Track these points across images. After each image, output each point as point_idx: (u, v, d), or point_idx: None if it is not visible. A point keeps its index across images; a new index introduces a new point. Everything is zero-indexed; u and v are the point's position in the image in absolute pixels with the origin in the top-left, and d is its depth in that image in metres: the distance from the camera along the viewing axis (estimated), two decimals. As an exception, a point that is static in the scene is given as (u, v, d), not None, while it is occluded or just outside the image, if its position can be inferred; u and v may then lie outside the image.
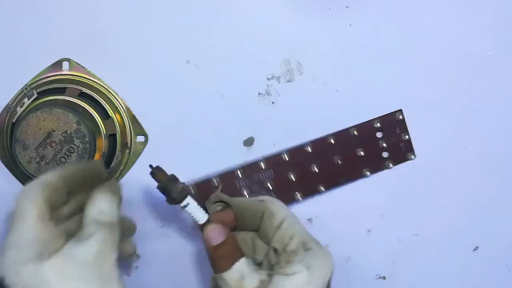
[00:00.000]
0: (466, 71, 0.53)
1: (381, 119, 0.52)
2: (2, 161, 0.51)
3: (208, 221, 0.44)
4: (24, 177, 0.51)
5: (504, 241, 0.53)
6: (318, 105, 0.52)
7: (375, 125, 0.52)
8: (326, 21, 0.52)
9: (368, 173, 0.52)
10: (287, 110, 0.52)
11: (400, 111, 0.52)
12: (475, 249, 0.53)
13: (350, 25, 0.52)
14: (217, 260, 0.42)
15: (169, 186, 0.43)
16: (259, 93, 0.52)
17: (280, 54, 0.52)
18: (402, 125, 0.52)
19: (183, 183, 0.44)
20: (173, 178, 0.44)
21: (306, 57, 0.52)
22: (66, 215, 0.41)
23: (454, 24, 0.53)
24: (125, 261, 0.51)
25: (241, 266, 0.41)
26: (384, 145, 0.52)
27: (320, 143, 0.52)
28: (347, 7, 0.52)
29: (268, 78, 0.52)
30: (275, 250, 0.43)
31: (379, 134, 0.52)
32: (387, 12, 0.52)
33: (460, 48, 0.53)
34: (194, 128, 0.52)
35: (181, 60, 0.52)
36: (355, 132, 0.52)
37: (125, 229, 0.45)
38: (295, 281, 0.39)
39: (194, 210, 0.44)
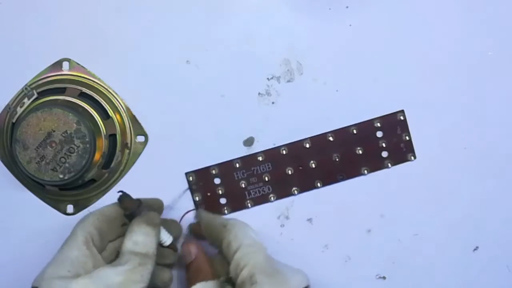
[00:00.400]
0: (466, 71, 0.53)
1: (382, 119, 0.52)
2: (2, 161, 0.51)
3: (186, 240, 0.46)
4: (24, 177, 0.51)
5: (504, 241, 0.53)
6: (318, 105, 0.52)
7: (376, 125, 0.52)
8: (326, 21, 0.52)
9: (366, 171, 0.52)
10: (287, 110, 0.52)
11: (402, 111, 0.52)
12: (475, 249, 0.53)
13: (350, 25, 0.52)
14: (187, 278, 0.45)
15: (136, 213, 0.45)
16: (259, 93, 0.52)
17: (280, 54, 0.52)
18: (403, 126, 0.52)
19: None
20: (139, 204, 0.45)
21: (306, 57, 0.52)
22: (118, 247, 0.45)
23: (454, 24, 0.53)
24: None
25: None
26: (384, 144, 0.52)
27: (318, 140, 0.52)
28: (347, 7, 0.52)
29: (268, 78, 0.52)
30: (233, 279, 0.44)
31: (379, 134, 0.52)
32: (387, 12, 0.52)
33: (460, 48, 0.53)
34: (194, 128, 0.52)
35: (181, 60, 0.52)
36: (355, 131, 0.52)
37: (165, 259, 0.47)
38: None
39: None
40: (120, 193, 0.45)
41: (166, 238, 0.46)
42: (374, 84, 0.52)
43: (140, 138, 0.52)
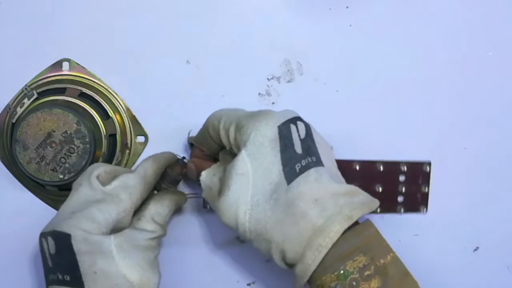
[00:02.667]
0: (466, 71, 0.53)
1: (409, 164, 0.52)
2: (2, 162, 0.51)
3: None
4: (24, 177, 0.51)
5: (504, 242, 0.53)
6: (318, 105, 0.52)
7: (402, 168, 0.52)
8: (326, 21, 0.52)
9: (378, 210, 0.48)
10: (287, 110, 0.52)
11: (429, 163, 0.52)
12: (475, 250, 0.53)
13: (350, 25, 0.52)
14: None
15: (170, 180, 0.48)
16: (259, 94, 0.52)
17: (280, 55, 0.52)
18: (426, 177, 0.52)
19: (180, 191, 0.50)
20: (178, 180, 0.48)
21: (306, 58, 0.52)
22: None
23: (454, 24, 0.53)
24: None
25: (202, 177, 0.45)
26: (403, 189, 0.52)
27: (344, 165, 0.50)
28: (347, 7, 0.52)
29: (268, 79, 0.52)
30: (230, 151, 0.45)
31: (401, 178, 0.52)
32: (387, 12, 0.52)
33: (460, 48, 0.53)
34: (194, 128, 0.52)
35: (181, 60, 0.52)
36: (381, 167, 0.51)
37: None
38: (235, 165, 0.42)
39: None
40: (184, 159, 0.48)
41: None
42: (374, 84, 0.52)
43: (140, 138, 0.52)
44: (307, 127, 0.43)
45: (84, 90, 0.51)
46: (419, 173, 0.52)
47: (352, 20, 0.52)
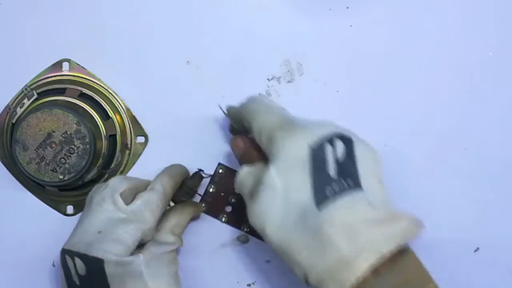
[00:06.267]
0: (466, 71, 0.53)
1: None
2: (2, 162, 0.51)
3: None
4: (24, 177, 0.51)
5: (505, 242, 0.53)
6: (318, 105, 0.52)
7: None
8: (327, 21, 0.52)
9: None
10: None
11: None
12: (475, 250, 0.53)
13: (351, 25, 0.52)
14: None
15: (188, 192, 0.49)
16: (259, 94, 0.52)
17: (280, 55, 0.52)
18: None
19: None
20: (194, 192, 0.50)
21: (307, 58, 0.52)
22: None
23: (455, 25, 0.53)
24: None
25: (241, 173, 0.43)
26: None
27: None
28: (347, 7, 0.52)
29: (268, 79, 0.52)
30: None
31: None
32: (387, 13, 0.52)
33: (460, 49, 0.53)
34: (194, 128, 0.52)
35: (181, 61, 0.52)
36: None
37: None
38: (264, 180, 0.40)
39: None
40: (202, 172, 0.49)
41: None
42: (375, 84, 0.52)
43: (140, 139, 0.52)
44: (347, 142, 0.40)
45: (84, 90, 0.51)
46: None
47: (352, 21, 0.52)
